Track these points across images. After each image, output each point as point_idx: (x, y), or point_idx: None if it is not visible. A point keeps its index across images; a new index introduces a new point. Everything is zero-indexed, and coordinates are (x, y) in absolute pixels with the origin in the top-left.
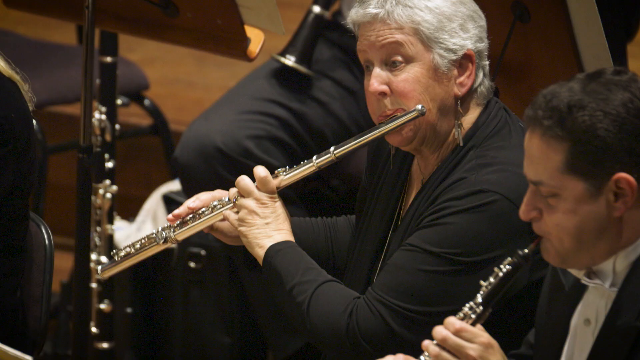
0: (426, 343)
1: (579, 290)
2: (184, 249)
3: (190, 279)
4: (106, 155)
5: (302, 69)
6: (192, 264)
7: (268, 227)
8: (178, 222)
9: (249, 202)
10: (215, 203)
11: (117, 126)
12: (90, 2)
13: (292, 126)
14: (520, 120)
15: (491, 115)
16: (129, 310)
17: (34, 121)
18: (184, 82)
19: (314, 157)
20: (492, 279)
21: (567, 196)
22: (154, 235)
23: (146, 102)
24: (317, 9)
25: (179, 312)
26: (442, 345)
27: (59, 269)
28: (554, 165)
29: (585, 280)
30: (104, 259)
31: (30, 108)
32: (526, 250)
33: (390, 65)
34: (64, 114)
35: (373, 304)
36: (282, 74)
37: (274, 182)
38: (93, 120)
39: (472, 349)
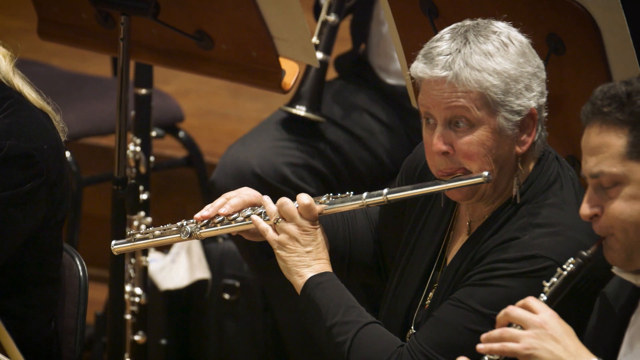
0: (485, 335)
1: (633, 303)
2: (218, 281)
3: (224, 310)
4: (141, 187)
5: (313, 117)
6: (226, 296)
7: (308, 256)
8: (206, 220)
9: (291, 228)
10: (248, 212)
11: (152, 158)
12: (125, 34)
13: (328, 157)
14: (571, 169)
15: (544, 168)
16: (163, 341)
17: (68, 152)
18: (219, 114)
19: (364, 195)
20: (555, 279)
21: (629, 182)
22: (179, 227)
23: (181, 134)
24: (319, 55)
25: (213, 343)
26: (504, 320)
27: (93, 300)
28: (615, 151)
29: None
30: (138, 290)
31: (63, 138)
32: (589, 251)
33: (454, 125)
34: (98, 145)
35: (417, 356)
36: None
37: (317, 209)
38: (128, 152)
39: (537, 316)
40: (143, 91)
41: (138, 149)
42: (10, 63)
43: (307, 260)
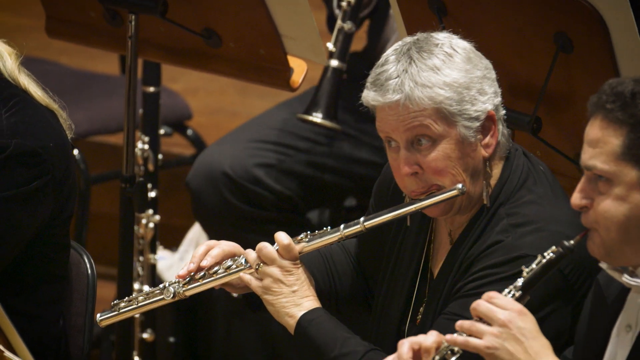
0: (460, 322)
1: (621, 299)
2: None
3: (232, 308)
4: (149, 185)
5: (330, 124)
6: (234, 294)
7: (295, 295)
8: (188, 278)
9: (273, 271)
10: (229, 263)
11: (160, 156)
12: (133, 32)
13: (312, 158)
14: (540, 162)
15: (514, 166)
16: (171, 339)
17: (76, 150)
18: (227, 112)
19: (342, 227)
20: (534, 265)
21: (619, 183)
22: (162, 289)
23: (189, 131)
24: (334, 62)
25: (221, 341)
26: (474, 313)
27: (101, 298)
28: (610, 149)
29: (626, 279)
30: (146, 288)
31: (69, 136)
32: (572, 242)
33: (416, 144)
34: (106, 143)
35: None
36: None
37: (297, 248)
38: (136, 150)
39: (502, 313)
40: (151, 89)
41: (146, 146)
42: (16, 61)
43: (294, 300)
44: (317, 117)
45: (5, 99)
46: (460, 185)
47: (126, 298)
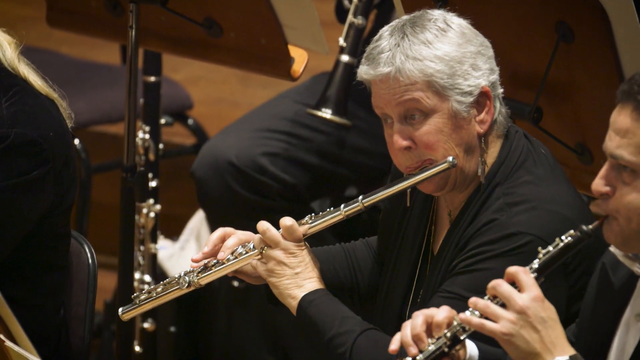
0: (473, 299)
1: (630, 287)
2: None
3: (233, 298)
4: (150, 175)
5: (340, 120)
6: (235, 284)
7: (298, 277)
8: (201, 266)
9: (276, 253)
10: (240, 250)
11: (161, 145)
12: (134, 21)
13: (317, 147)
14: (542, 145)
15: (513, 146)
16: (172, 329)
17: (77, 140)
18: (228, 102)
19: (342, 206)
20: (551, 248)
21: None
22: (177, 279)
23: (190, 121)
24: (345, 57)
25: (223, 331)
26: (492, 292)
27: (102, 288)
28: (639, 140)
29: (638, 268)
30: (147, 277)
31: (69, 125)
32: (590, 227)
33: (410, 119)
34: (107, 133)
35: None
36: (310, 97)
37: (301, 230)
38: (137, 139)
39: (520, 299)
40: (152, 79)
41: (147, 136)
42: (16, 50)
43: (297, 281)
44: (326, 113)
45: (5, 89)
46: (450, 158)
47: (145, 290)
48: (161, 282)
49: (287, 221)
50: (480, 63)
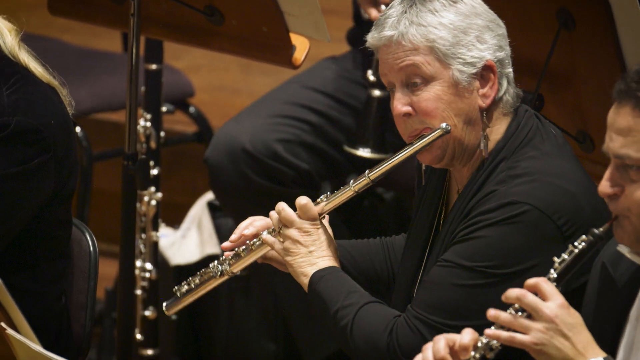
0: (493, 312)
1: (636, 282)
2: None
3: (235, 285)
4: (151, 163)
5: (380, 157)
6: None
7: (312, 255)
8: (232, 255)
9: (292, 232)
10: (264, 234)
11: (162, 133)
12: (135, 9)
13: (326, 132)
14: (553, 126)
15: (521, 124)
16: (173, 317)
17: (79, 128)
18: (230, 90)
19: (351, 182)
20: (565, 256)
21: None
22: (211, 269)
23: (191, 109)
24: (377, 92)
25: (224, 318)
26: (517, 303)
27: (103, 275)
28: None
29: None
30: (148, 265)
31: (70, 112)
32: (601, 229)
33: (411, 86)
34: (109, 121)
35: (412, 322)
36: (318, 82)
37: (316, 209)
38: (138, 127)
39: (547, 308)
40: (154, 67)
41: (148, 124)
42: (16, 38)
43: (310, 260)
44: (365, 152)
45: (6, 76)
46: (444, 125)
47: (184, 282)
48: (198, 273)
49: (302, 200)
50: (487, 37)
